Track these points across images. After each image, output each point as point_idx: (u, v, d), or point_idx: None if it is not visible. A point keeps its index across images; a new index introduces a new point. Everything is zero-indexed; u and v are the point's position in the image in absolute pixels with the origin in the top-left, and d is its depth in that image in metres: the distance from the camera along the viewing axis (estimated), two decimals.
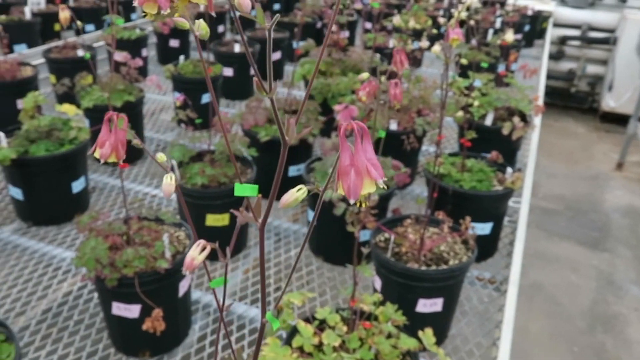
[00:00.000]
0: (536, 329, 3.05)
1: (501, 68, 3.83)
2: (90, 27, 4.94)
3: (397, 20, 2.67)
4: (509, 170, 2.23)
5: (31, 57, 3.62)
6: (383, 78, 1.77)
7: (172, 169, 2.14)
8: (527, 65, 3.04)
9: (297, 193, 0.65)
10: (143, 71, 3.81)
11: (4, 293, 1.96)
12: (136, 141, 0.79)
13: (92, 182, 2.68)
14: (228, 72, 3.70)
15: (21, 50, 3.90)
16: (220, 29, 4.91)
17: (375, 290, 1.82)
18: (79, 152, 2.28)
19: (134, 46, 3.89)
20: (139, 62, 2.88)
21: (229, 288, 2.04)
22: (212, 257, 2.17)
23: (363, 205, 0.57)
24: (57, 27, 4.64)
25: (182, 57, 3.29)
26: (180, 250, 1.67)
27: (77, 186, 2.33)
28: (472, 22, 2.38)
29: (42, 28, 4.50)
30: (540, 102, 2.78)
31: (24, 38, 4.12)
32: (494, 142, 2.71)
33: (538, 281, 3.45)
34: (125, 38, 3.81)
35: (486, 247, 2.25)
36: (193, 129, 2.12)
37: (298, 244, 2.31)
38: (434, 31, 4.65)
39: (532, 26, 5.45)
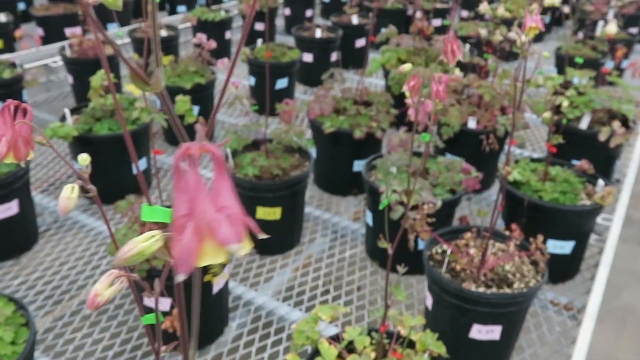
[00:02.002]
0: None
1: (610, 65, 3.43)
2: (182, 8, 5.01)
3: (484, 7, 2.41)
4: (600, 182, 1.94)
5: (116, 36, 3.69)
6: (459, 72, 1.57)
7: (226, 158, 2.07)
8: (637, 63, 2.67)
9: (143, 244, 0.44)
10: (222, 53, 3.77)
11: (55, 269, 1.97)
12: (40, 138, 0.66)
13: (160, 164, 2.68)
14: (308, 57, 3.59)
15: (113, 29, 4.00)
16: (309, 13, 4.80)
17: (426, 309, 1.63)
18: (141, 133, 2.26)
19: (217, 28, 3.87)
20: (212, 44, 2.83)
21: (275, 286, 1.93)
22: (263, 251, 2.08)
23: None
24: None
25: (259, 41, 3.21)
26: None
27: (141, 166, 2.30)
28: (565, 9, 2.09)
29: (135, 7, 4.61)
30: None
31: (117, 16, 4.19)
32: (588, 149, 2.40)
33: (632, 304, 3.07)
34: (209, 20, 3.80)
35: (566, 268, 1.99)
36: (248, 114, 2.02)
37: (355, 244, 2.16)
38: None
39: None
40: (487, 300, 1.44)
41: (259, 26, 4.26)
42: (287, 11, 4.80)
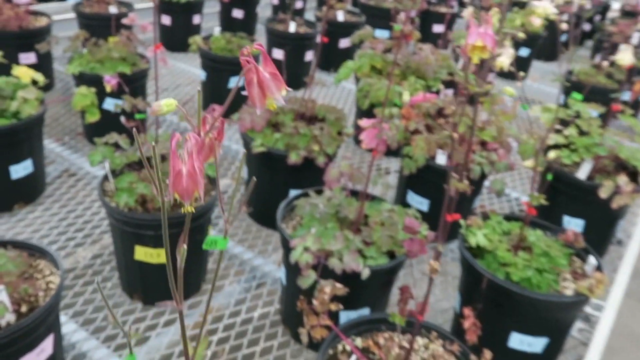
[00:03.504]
0: None
1: (626, 96, 2.92)
2: None
3: (468, 13, 1.93)
4: (592, 260, 1.45)
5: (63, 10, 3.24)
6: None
7: (106, 177, 1.60)
8: None
9: None
10: (184, 41, 3.29)
11: None
12: None
13: (71, 168, 2.22)
14: (278, 54, 3.11)
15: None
16: (299, 4, 4.31)
17: None
18: (21, 129, 1.79)
19: (183, 10, 3.40)
20: (147, 26, 2.36)
21: (148, 352, 1.46)
22: (147, 299, 1.61)
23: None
24: None
25: (216, 30, 2.73)
26: (34, 300, 1.11)
27: (17, 171, 1.84)
28: (563, 25, 1.59)
29: None
30: None
31: None
32: (585, 204, 1.91)
33: None
34: (174, 0, 3.32)
35: None
36: (129, 122, 1.55)
37: (271, 300, 1.69)
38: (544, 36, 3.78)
39: None
40: None
41: (237, 13, 3.78)
42: (275, 0, 4.32)
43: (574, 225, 1.96)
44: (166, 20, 3.43)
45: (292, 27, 3.06)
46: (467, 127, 1.84)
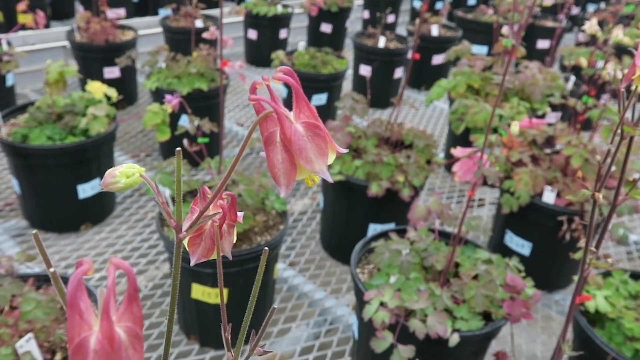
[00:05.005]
0: None
1: None
2: None
3: (590, 26, 1.59)
4: None
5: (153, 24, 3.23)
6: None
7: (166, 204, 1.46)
8: None
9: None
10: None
11: None
12: None
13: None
14: (365, 70, 2.91)
15: (166, 14, 3.53)
16: (391, 18, 4.11)
17: None
18: (89, 147, 1.71)
19: (270, 25, 3.29)
20: (228, 41, 2.25)
21: None
22: (205, 340, 1.45)
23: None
24: None
25: (301, 44, 2.59)
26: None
27: (85, 190, 1.77)
28: None
29: None
30: None
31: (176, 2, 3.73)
32: None
33: None
34: (261, 14, 3.23)
35: None
36: (191, 146, 1.40)
37: (342, 350, 1.48)
38: None
39: None
40: None
41: (326, 27, 3.64)
42: (366, 14, 4.14)
43: None
44: (252, 34, 3.34)
45: (382, 42, 2.86)
46: (583, 160, 1.55)
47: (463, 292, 1.16)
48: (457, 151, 1.56)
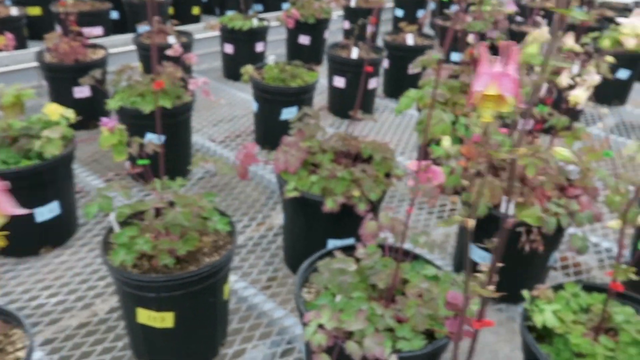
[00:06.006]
0: None
1: None
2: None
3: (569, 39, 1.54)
4: None
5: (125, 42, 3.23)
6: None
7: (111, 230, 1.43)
8: None
9: None
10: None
11: None
12: None
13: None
14: (339, 82, 2.90)
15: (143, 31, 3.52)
16: (371, 28, 4.09)
17: None
18: (44, 170, 1.69)
19: (246, 39, 3.28)
20: (192, 57, 2.24)
21: None
22: None
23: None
24: (195, 10, 4.28)
25: (271, 58, 2.57)
26: None
27: (42, 214, 1.75)
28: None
29: (177, 10, 4.16)
30: None
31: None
32: None
33: None
34: (236, 28, 3.22)
35: None
36: (133, 168, 1.39)
37: None
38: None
39: None
40: None
41: (304, 39, 3.64)
42: (346, 24, 4.14)
43: None
44: (229, 48, 3.34)
45: (355, 53, 2.85)
46: (538, 169, 1.52)
47: (405, 310, 1.14)
48: (412, 164, 1.54)
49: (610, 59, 1.70)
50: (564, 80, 1.50)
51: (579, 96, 1.31)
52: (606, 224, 1.20)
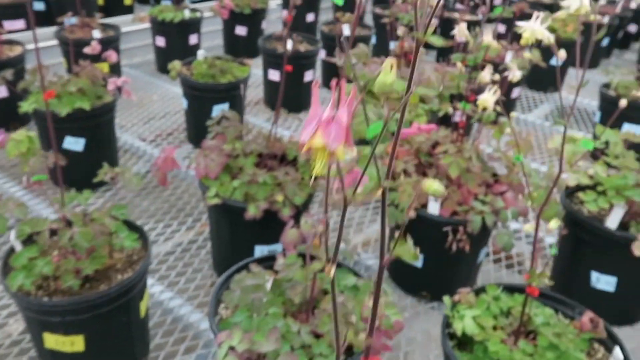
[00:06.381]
0: None
1: None
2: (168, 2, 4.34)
3: (460, 31, 1.53)
4: (618, 355, 1.10)
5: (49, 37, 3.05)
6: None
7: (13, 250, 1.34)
8: None
9: None
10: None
11: None
12: None
13: None
14: (274, 76, 2.83)
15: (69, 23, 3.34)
16: (310, 17, 4.03)
17: None
18: None
19: (178, 31, 3.16)
20: (112, 55, 2.12)
21: None
22: None
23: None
24: (127, 0, 4.11)
25: (200, 53, 2.48)
26: None
27: None
28: (632, 28, 1.22)
29: (107, 1, 3.98)
30: None
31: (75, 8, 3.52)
32: (618, 258, 1.55)
33: None
34: (167, 20, 3.09)
35: None
36: (29, 184, 1.30)
37: None
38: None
39: None
40: None
41: (240, 30, 3.54)
42: (285, 14, 4.05)
43: (604, 283, 1.59)
44: (160, 41, 3.21)
45: (289, 45, 2.77)
46: (461, 169, 1.50)
47: (320, 326, 1.10)
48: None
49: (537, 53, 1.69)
50: (486, 76, 1.48)
51: (487, 100, 1.28)
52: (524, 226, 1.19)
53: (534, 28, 0.91)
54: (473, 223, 1.47)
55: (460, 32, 1.53)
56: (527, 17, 1.66)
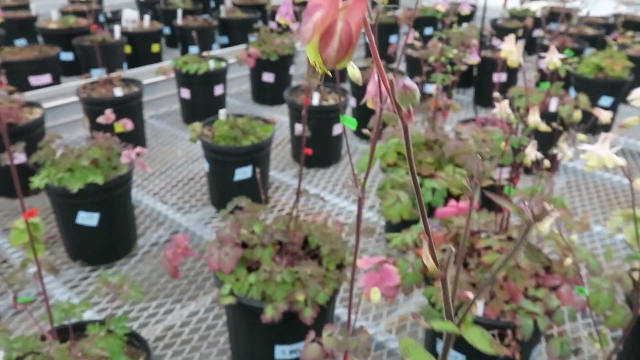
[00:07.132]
0: None
1: None
2: (195, 49, 4.29)
3: (504, 112, 1.32)
4: None
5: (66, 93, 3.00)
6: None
7: None
8: None
9: None
10: (205, 115, 2.93)
11: None
12: None
13: None
14: (301, 130, 2.69)
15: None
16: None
17: None
18: None
19: (202, 82, 3.07)
20: (128, 124, 2.02)
21: None
22: None
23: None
24: (155, 47, 4.06)
25: (222, 112, 2.36)
26: None
27: None
28: None
29: (134, 49, 3.94)
30: None
31: (108, 61, 3.45)
32: None
33: None
34: (191, 72, 3.00)
35: None
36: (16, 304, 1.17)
37: None
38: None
39: None
40: None
41: (268, 77, 3.43)
42: None
43: None
44: (185, 93, 3.12)
45: (316, 99, 2.64)
46: (508, 268, 1.31)
47: None
48: (362, 262, 1.33)
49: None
50: (531, 154, 1.29)
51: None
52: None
53: (601, 155, 0.73)
54: (524, 328, 1.27)
55: (502, 111, 1.34)
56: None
